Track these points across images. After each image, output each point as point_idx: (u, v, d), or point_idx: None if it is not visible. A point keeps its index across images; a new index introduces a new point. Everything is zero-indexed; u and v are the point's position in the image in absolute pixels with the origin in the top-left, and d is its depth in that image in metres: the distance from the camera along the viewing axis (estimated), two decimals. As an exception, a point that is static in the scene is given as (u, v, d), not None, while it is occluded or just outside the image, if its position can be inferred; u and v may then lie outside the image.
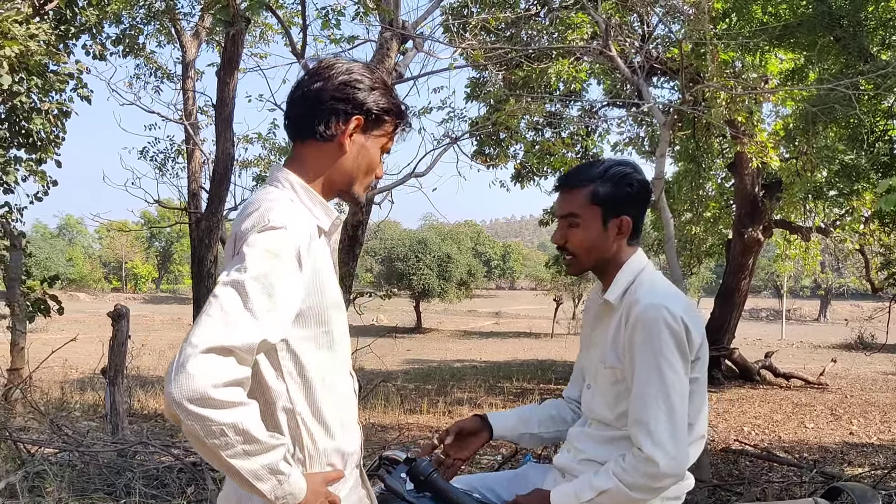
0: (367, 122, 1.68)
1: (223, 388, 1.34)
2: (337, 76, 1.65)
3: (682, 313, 1.87)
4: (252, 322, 1.40)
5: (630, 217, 2.01)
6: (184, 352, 1.35)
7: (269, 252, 1.47)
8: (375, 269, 43.10)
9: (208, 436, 1.34)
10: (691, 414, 1.93)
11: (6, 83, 9.64)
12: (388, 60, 9.11)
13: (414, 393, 14.16)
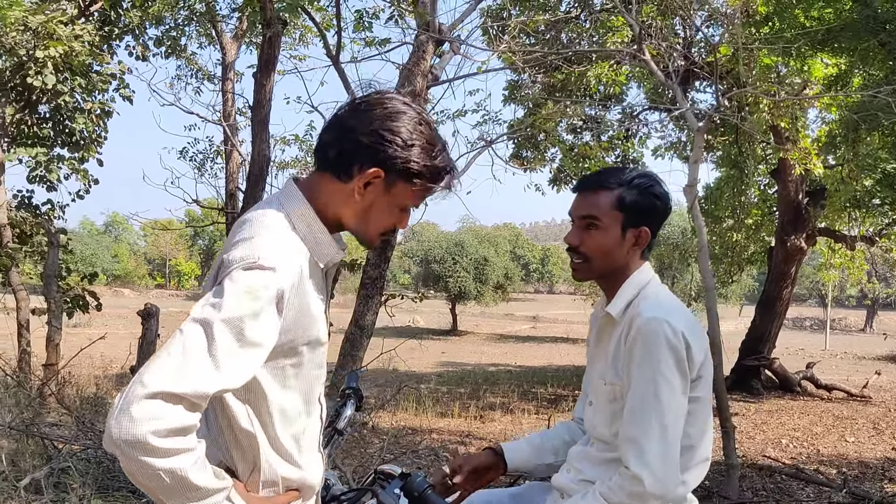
0: (388, 178, 1.53)
1: (166, 437, 1.27)
2: (374, 119, 1.51)
3: (683, 329, 1.79)
4: (211, 370, 1.32)
5: (649, 230, 1.95)
6: (132, 390, 1.27)
7: (249, 294, 1.37)
8: (413, 270, 43.17)
9: (145, 478, 1.29)
10: (693, 435, 1.85)
11: (51, 83, 9.85)
12: (424, 63, 9.09)
13: (446, 396, 14.11)
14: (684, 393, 1.79)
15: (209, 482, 1.36)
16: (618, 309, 1.92)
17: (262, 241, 1.45)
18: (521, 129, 10.94)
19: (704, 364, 1.84)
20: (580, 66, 11.42)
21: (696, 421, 1.85)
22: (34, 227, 10.63)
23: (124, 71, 11.26)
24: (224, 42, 11.93)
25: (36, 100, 10.47)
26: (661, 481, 1.73)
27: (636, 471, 1.74)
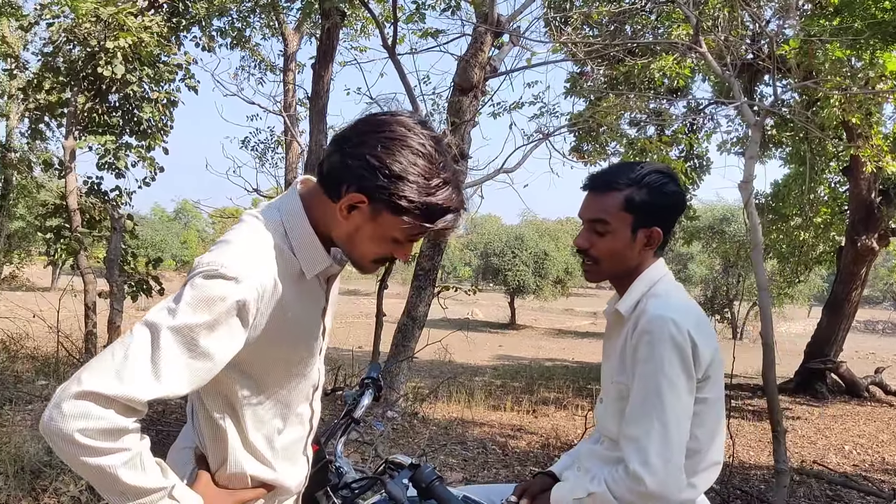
0: (373, 206, 1.42)
1: (93, 437, 1.26)
2: (368, 143, 1.41)
3: (690, 327, 1.74)
4: (149, 377, 1.29)
5: (661, 229, 1.89)
6: (68, 386, 1.27)
7: (205, 303, 1.33)
8: (474, 263, 43.14)
9: (76, 469, 1.31)
10: (702, 438, 1.80)
11: (120, 73, 10.14)
12: (482, 54, 9.06)
13: (500, 389, 14.06)
14: (689, 393, 1.74)
15: (144, 482, 1.33)
16: (627, 306, 1.88)
17: (234, 249, 1.41)
18: (580, 122, 10.79)
19: (713, 364, 1.79)
20: (643, 58, 11.20)
21: (705, 422, 1.80)
22: (102, 212, 10.98)
23: (190, 61, 11.51)
24: (286, 33, 12.10)
25: (106, 89, 10.79)
26: (663, 482, 1.69)
27: (636, 470, 1.71)
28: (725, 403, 1.83)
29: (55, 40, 10.59)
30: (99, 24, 10.12)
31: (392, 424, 8.10)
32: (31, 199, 16.19)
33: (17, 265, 18.58)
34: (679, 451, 1.71)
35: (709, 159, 15.17)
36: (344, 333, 18.48)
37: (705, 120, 14.91)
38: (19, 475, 4.49)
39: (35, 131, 12.17)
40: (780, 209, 14.92)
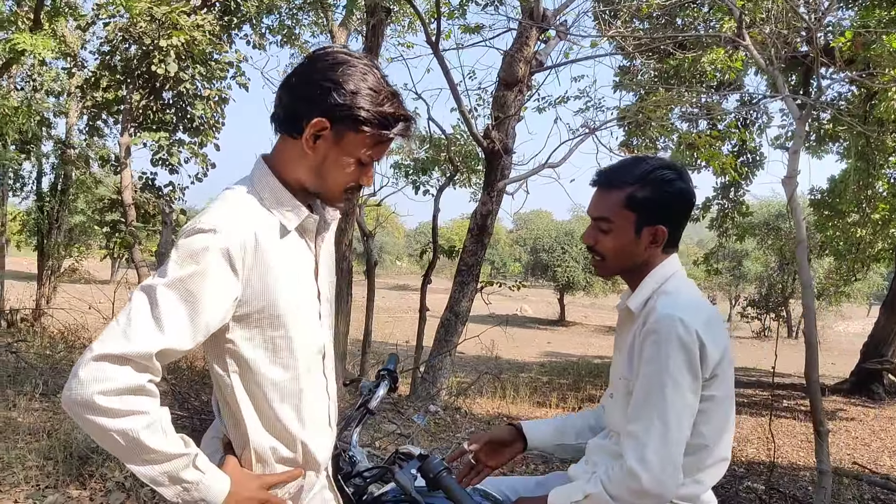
0: (335, 128, 1.50)
1: (113, 396, 1.32)
2: (316, 71, 1.50)
3: (698, 326, 1.72)
4: (154, 331, 1.36)
5: (666, 227, 1.86)
6: (82, 357, 1.34)
7: (190, 257, 1.40)
8: (524, 258, 42.98)
9: (101, 439, 1.35)
10: (708, 435, 1.79)
11: (173, 71, 10.39)
12: (527, 49, 9.03)
13: (546, 386, 14.02)
14: (694, 392, 1.72)
15: (166, 447, 1.38)
16: (637, 303, 1.87)
17: (209, 211, 1.49)
18: (628, 116, 10.65)
19: (722, 363, 1.76)
20: (693, 51, 11.01)
21: (712, 420, 1.79)
22: (156, 207, 11.28)
23: (241, 59, 11.74)
24: (333, 30, 12.22)
25: (160, 87, 11.08)
26: (658, 479, 1.68)
27: (633, 467, 1.70)
28: (770, 402, 1.81)
29: (111, 39, 10.90)
30: (153, 22, 10.39)
31: (434, 418, 8.15)
32: (89, 195, 16.68)
33: (76, 258, 19.11)
34: (678, 450, 1.71)
35: (762, 154, 14.85)
36: (391, 328, 18.61)
37: (759, 114, 14.61)
38: (68, 461, 4.65)
39: (93, 128, 12.56)
40: (837, 205, 14.51)
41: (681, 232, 1.93)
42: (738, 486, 6.17)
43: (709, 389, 1.76)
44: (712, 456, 1.81)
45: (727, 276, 31.56)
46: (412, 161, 12.06)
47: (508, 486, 2.10)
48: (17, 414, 5.86)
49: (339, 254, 9.82)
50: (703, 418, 1.77)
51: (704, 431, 1.78)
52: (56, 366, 7.99)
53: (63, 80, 14.37)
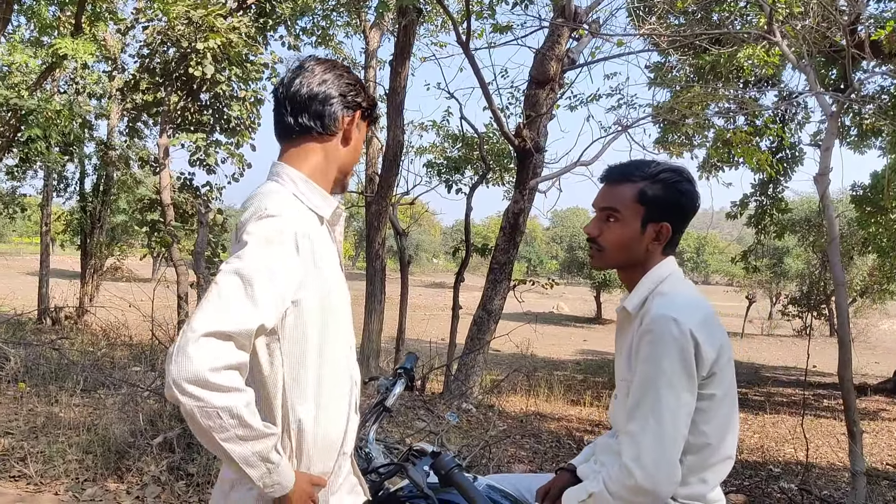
0: (362, 115, 1.80)
1: (220, 371, 1.39)
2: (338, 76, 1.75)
3: (692, 326, 1.74)
4: (250, 308, 1.45)
5: (670, 225, 1.90)
6: (184, 336, 1.41)
7: (266, 239, 1.52)
8: (561, 256, 42.80)
9: (203, 417, 1.40)
10: (710, 433, 1.80)
11: (210, 72, 10.55)
12: (559, 47, 9.01)
13: (581, 384, 13.97)
14: (690, 391, 1.74)
15: (261, 425, 1.48)
16: (634, 304, 1.90)
17: (266, 199, 1.63)
18: (662, 113, 10.57)
19: (718, 361, 1.78)
20: (730, 47, 10.87)
21: (711, 419, 1.80)
22: (193, 207, 11.47)
23: (276, 60, 11.87)
24: (367, 31, 12.31)
25: (197, 88, 11.25)
26: (652, 477, 1.70)
27: (628, 465, 1.73)
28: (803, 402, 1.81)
29: (150, 42, 11.09)
30: (190, 25, 10.56)
31: (467, 416, 8.18)
32: (130, 195, 17.03)
33: (118, 257, 19.55)
34: (673, 448, 1.72)
35: (801, 150, 14.60)
36: (426, 325, 18.70)
37: (797, 110, 14.37)
38: (106, 455, 4.78)
39: (132, 130, 12.81)
40: (879, 201, 14.21)
41: (681, 234, 1.96)
42: (772, 486, 6.10)
43: (707, 388, 1.78)
44: (716, 455, 1.82)
45: (767, 274, 31.03)
46: (445, 160, 12.12)
47: (524, 483, 2.13)
48: (58, 409, 6.03)
49: (373, 252, 9.92)
50: (703, 417, 1.78)
51: (706, 430, 1.79)
52: (97, 362, 8.19)
53: (104, 82, 14.68)
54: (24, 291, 20.11)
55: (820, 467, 8.33)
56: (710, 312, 1.83)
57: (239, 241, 1.56)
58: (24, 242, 56.49)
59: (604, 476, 1.81)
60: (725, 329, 1.90)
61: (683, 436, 1.74)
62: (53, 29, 12.73)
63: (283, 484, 1.55)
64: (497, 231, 9.58)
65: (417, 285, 42.81)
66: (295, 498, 1.59)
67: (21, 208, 15.87)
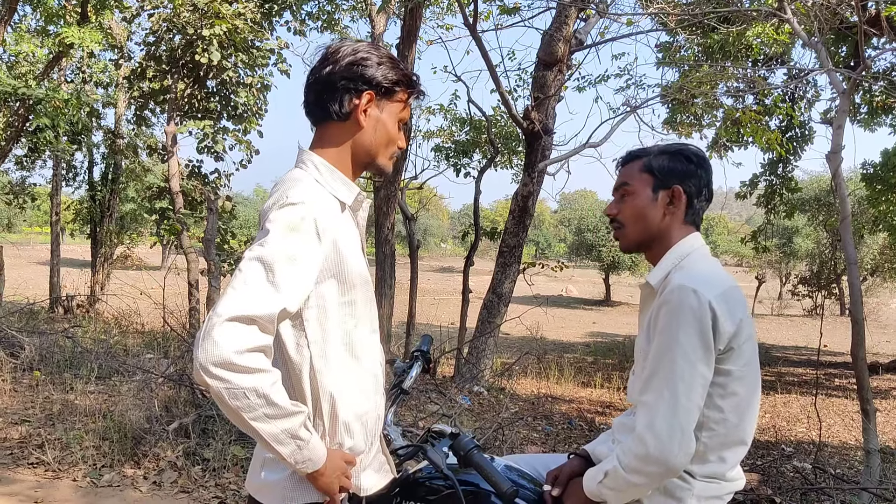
0: (378, 95, 1.74)
1: (245, 353, 1.43)
2: (344, 58, 1.72)
3: (712, 298, 1.72)
4: (273, 293, 1.49)
5: (682, 188, 1.91)
6: (210, 321, 1.44)
7: (288, 226, 1.55)
8: (569, 239, 42.70)
9: (231, 398, 1.44)
10: (727, 410, 1.79)
11: (216, 59, 10.53)
12: (567, 28, 8.95)
13: (591, 366, 13.98)
14: (706, 364, 1.73)
15: (288, 404, 1.52)
16: (657, 278, 1.89)
17: (289, 186, 1.65)
18: (671, 93, 10.50)
19: (737, 336, 1.76)
20: (739, 25, 10.78)
21: (729, 395, 1.79)
22: (202, 195, 11.49)
23: (282, 46, 11.83)
24: (373, 14, 12.25)
25: (204, 75, 11.24)
26: (665, 446, 1.69)
27: (641, 433, 1.73)
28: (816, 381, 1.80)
29: (156, 30, 11.08)
30: (196, 12, 10.53)
31: (479, 399, 8.21)
32: (139, 183, 17.07)
33: (128, 245, 19.63)
34: (687, 419, 1.71)
35: (811, 129, 14.50)
36: (436, 310, 18.73)
37: (807, 88, 14.26)
38: (122, 441, 4.82)
39: (140, 118, 12.81)
40: (890, 179, 14.11)
41: (699, 198, 1.96)
42: (785, 466, 6.11)
43: (724, 363, 1.77)
44: (734, 433, 1.81)
45: (777, 254, 30.91)
46: (453, 143, 12.08)
47: (542, 463, 2.13)
48: (74, 396, 6.08)
49: (382, 237, 9.92)
50: (719, 392, 1.78)
51: (723, 405, 1.78)
52: (111, 350, 8.24)
53: (111, 71, 14.68)
54: (35, 281, 20.21)
55: (832, 446, 8.33)
56: (733, 287, 1.82)
57: (262, 229, 1.59)
58: (34, 232, 56.76)
59: (617, 452, 1.80)
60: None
61: (698, 407, 1.74)
62: (59, 18, 12.70)
63: (315, 460, 1.58)
64: (506, 214, 9.56)
65: (426, 270, 42.86)
66: (327, 473, 1.63)
67: (31, 198, 15.94)
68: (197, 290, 10.80)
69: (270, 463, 1.70)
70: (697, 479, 1.81)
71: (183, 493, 4.38)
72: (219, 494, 4.36)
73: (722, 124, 12.34)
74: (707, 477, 1.82)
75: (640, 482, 1.75)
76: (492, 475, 1.70)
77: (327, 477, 1.63)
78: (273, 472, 1.69)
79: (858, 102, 14.33)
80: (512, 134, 12.03)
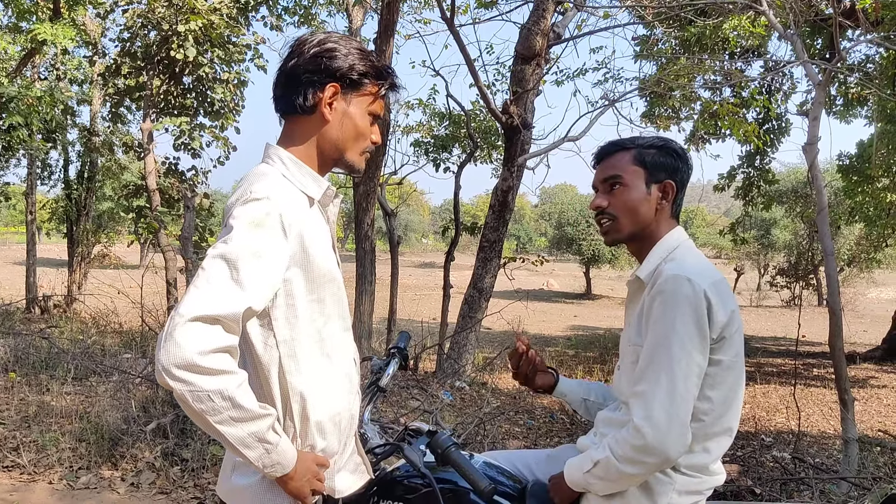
0: (343, 88, 1.69)
1: (209, 354, 1.38)
2: (309, 50, 1.67)
3: (706, 287, 1.73)
4: (237, 291, 1.44)
5: (673, 183, 1.92)
6: (172, 321, 1.40)
7: (252, 222, 1.51)
8: (550, 233, 42.78)
9: (195, 401, 1.39)
10: (716, 400, 1.79)
11: (192, 55, 10.43)
12: (545, 21, 8.94)
13: (573, 360, 14.02)
14: (702, 353, 1.73)
15: (255, 406, 1.47)
16: (646, 272, 1.89)
17: (253, 181, 1.61)
18: (649, 86, 10.53)
19: (728, 326, 1.76)
20: (715, 17, 10.82)
21: (717, 385, 1.79)
22: (179, 192, 11.38)
23: (258, 42, 11.74)
24: (349, 8, 12.18)
25: (179, 72, 11.13)
26: (664, 435, 1.68)
27: (638, 423, 1.71)
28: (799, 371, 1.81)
29: (130, 26, 10.95)
30: (171, 8, 10.42)
31: (460, 394, 8.20)
32: (115, 181, 16.88)
33: (105, 244, 19.42)
34: (685, 408, 1.71)
35: (788, 121, 14.61)
36: (417, 305, 18.70)
37: (783, 80, 14.35)
38: (100, 443, 4.76)
39: (115, 115, 12.67)
40: (866, 170, 14.24)
41: (683, 195, 1.97)
42: (765, 456, 6.15)
43: (716, 353, 1.77)
44: (720, 424, 1.81)
45: (755, 246, 31.17)
46: (432, 138, 12.04)
47: (520, 459, 2.12)
48: (50, 398, 6.01)
49: (362, 233, 9.86)
50: (709, 382, 1.77)
51: (711, 396, 1.78)
52: (88, 350, 8.14)
53: (85, 68, 14.49)
54: (11, 281, 19.96)
55: (811, 436, 8.40)
56: (722, 279, 1.82)
57: (226, 226, 1.55)
58: (9, 232, 56.08)
59: (609, 442, 1.79)
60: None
61: (694, 396, 1.73)
62: (32, 14, 12.51)
63: (284, 464, 1.55)
64: (486, 209, 9.55)
65: (407, 265, 42.80)
66: (297, 477, 1.59)
67: (5, 197, 15.70)
68: (175, 289, 10.70)
69: (241, 466, 1.66)
70: (680, 471, 1.81)
71: (161, 493, 4.33)
72: (198, 495, 4.32)
73: (699, 117, 12.42)
74: (690, 469, 1.82)
75: (634, 472, 1.75)
76: (469, 473, 1.68)
77: (297, 481, 1.59)
78: (244, 475, 1.66)
79: (834, 94, 14.45)
80: (491, 128, 12.02)
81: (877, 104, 13.55)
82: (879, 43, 6.51)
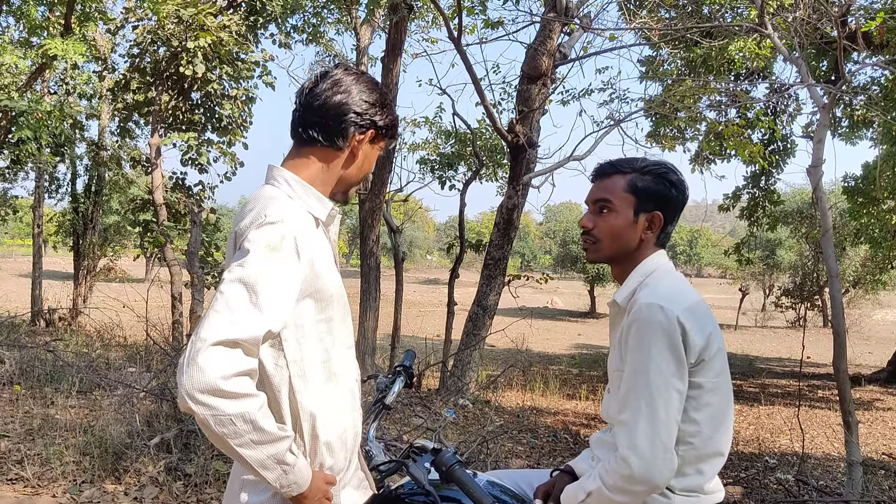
0: (377, 135, 1.78)
1: (232, 379, 1.41)
2: (360, 92, 1.73)
3: (679, 313, 1.75)
4: (256, 315, 1.47)
5: (662, 215, 1.93)
6: (194, 346, 1.42)
7: (268, 247, 1.53)
8: (554, 251, 42.78)
9: (218, 425, 1.42)
10: (702, 422, 1.80)
11: (200, 71, 10.51)
12: (550, 42, 9.00)
13: (576, 378, 13.99)
14: (680, 378, 1.75)
15: (275, 428, 1.50)
16: (623, 296, 1.92)
17: (266, 204, 1.63)
18: (654, 107, 10.58)
19: (707, 348, 1.78)
20: (721, 39, 10.89)
21: (703, 406, 1.80)
22: (186, 207, 11.43)
23: (267, 59, 11.83)
24: (358, 28, 12.29)
25: (188, 87, 11.21)
26: (649, 463, 1.70)
27: (623, 454, 1.73)
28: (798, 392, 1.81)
29: (140, 42, 11.05)
30: (180, 24, 10.51)
31: (464, 412, 8.19)
32: (122, 195, 16.98)
33: (111, 258, 19.51)
34: (668, 433, 1.72)
35: (793, 142, 14.65)
36: (421, 322, 18.70)
37: (789, 102, 14.40)
38: (103, 457, 4.76)
39: (124, 130, 12.75)
40: (871, 192, 14.25)
41: (673, 226, 1.99)
42: (769, 478, 6.13)
43: (696, 376, 1.78)
44: (710, 445, 1.82)
45: (760, 266, 31.13)
46: (438, 156, 12.10)
47: (524, 478, 2.13)
48: (55, 411, 6.01)
49: (367, 249, 9.90)
50: (693, 405, 1.79)
51: (697, 418, 1.80)
52: (92, 364, 8.15)
53: (94, 83, 14.61)
54: (17, 293, 20.03)
55: (815, 458, 8.37)
56: (698, 301, 1.84)
57: (240, 248, 1.57)
58: (16, 244, 56.28)
59: (599, 471, 1.80)
60: (717, 320, 1.91)
61: (676, 422, 1.75)
62: (43, 29, 12.66)
63: (300, 483, 1.57)
64: (491, 227, 9.58)
65: (412, 282, 42.80)
66: (310, 496, 1.61)
67: (13, 210, 15.79)
68: (180, 303, 10.73)
69: (250, 485, 1.68)
70: (677, 493, 1.82)
71: (164, 508, 4.33)
72: (201, 510, 4.32)
73: (705, 137, 12.45)
74: (686, 491, 1.83)
75: (625, 500, 1.76)
76: (473, 491, 1.70)
77: (310, 500, 1.62)
78: (255, 494, 1.67)
79: (839, 116, 14.50)
80: (497, 147, 12.08)
81: (882, 126, 13.57)
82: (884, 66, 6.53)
